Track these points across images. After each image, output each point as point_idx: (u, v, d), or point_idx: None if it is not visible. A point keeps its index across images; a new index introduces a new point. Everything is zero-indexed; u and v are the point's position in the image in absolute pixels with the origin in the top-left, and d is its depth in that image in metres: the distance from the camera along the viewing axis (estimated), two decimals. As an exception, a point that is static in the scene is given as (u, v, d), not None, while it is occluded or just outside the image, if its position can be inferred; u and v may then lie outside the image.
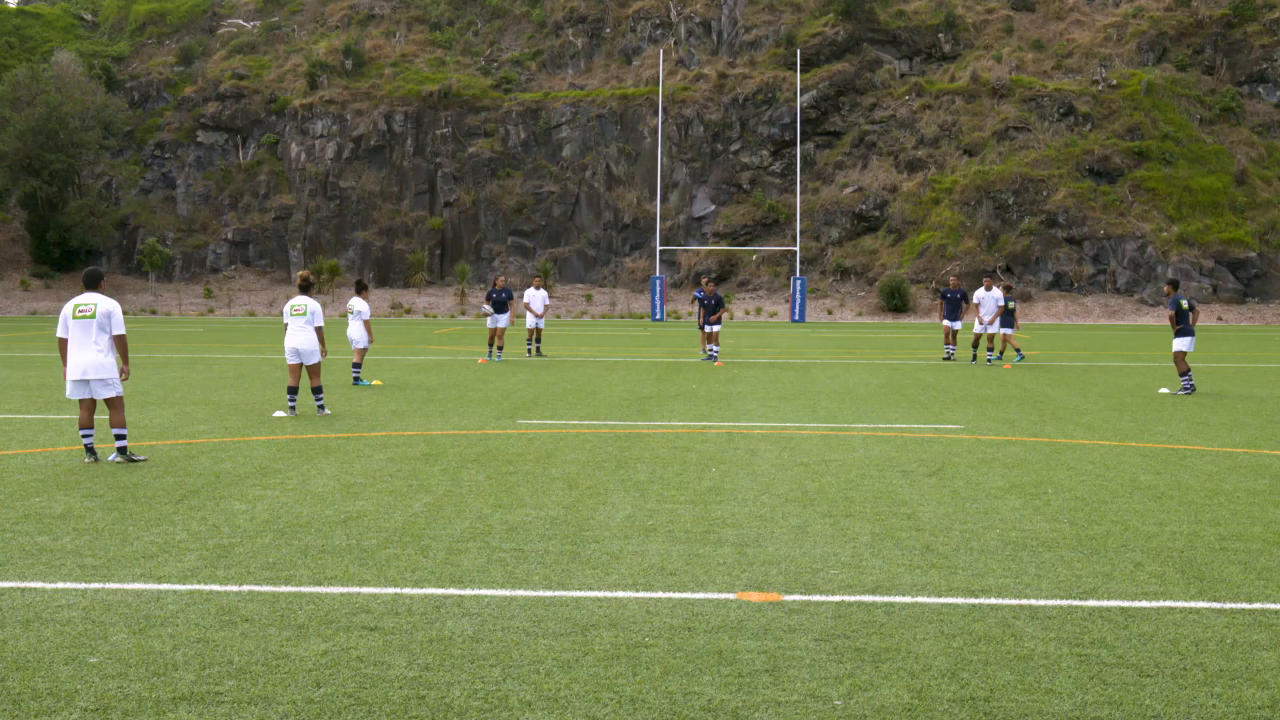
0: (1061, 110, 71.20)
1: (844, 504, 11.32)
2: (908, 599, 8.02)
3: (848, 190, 70.60)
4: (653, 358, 32.77)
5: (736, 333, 46.46)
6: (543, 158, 74.01)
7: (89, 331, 13.54)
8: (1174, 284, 24.70)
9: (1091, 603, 7.96)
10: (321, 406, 18.52)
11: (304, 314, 18.75)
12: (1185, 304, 23.27)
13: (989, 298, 29.85)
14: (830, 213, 69.78)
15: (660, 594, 8.11)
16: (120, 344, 13.63)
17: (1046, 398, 21.98)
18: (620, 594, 8.11)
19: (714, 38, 78.56)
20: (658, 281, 62.57)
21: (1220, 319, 60.70)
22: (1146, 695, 6.25)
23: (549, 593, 8.14)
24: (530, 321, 32.82)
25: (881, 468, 13.52)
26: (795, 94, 68.96)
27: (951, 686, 6.37)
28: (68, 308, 13.73)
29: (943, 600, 8.00)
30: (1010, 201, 67.46)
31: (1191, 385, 22.71)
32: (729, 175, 72.79)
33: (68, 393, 13.74)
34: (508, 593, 8.12)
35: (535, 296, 32.71)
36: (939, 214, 67.76)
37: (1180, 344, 23.02)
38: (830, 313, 63.91)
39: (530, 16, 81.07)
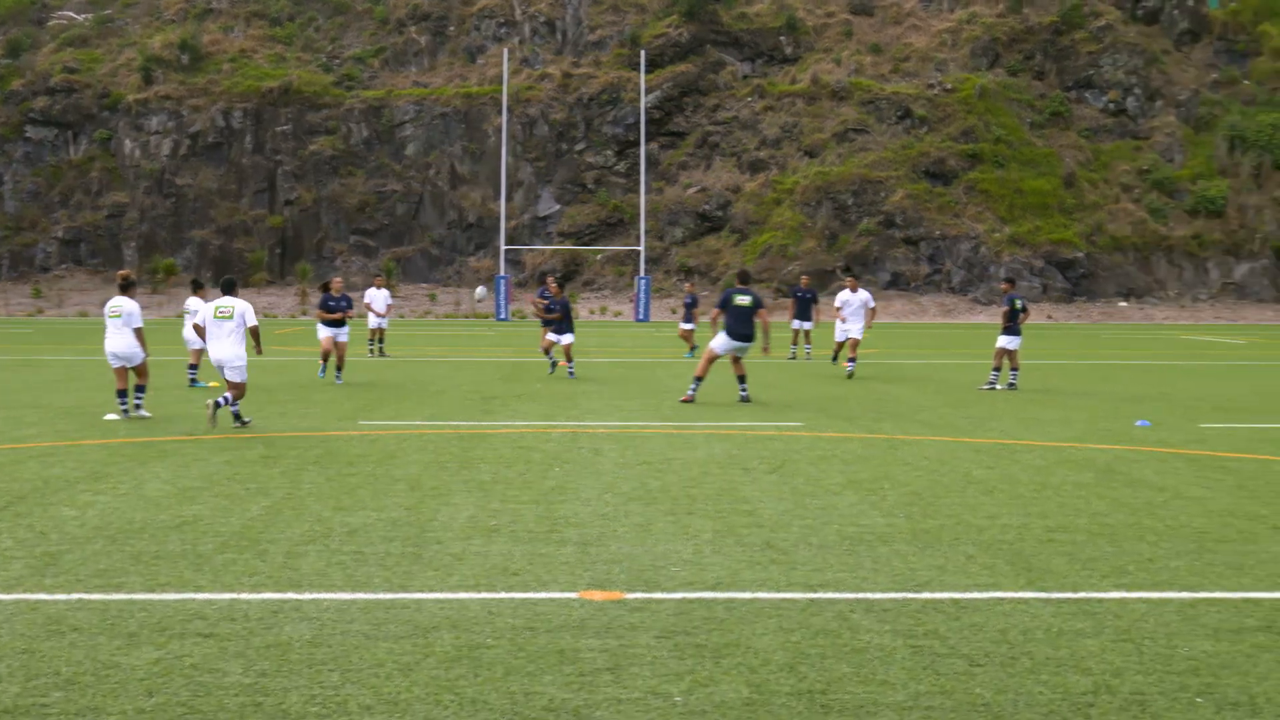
0: (899, 113, 72.68)
1: (686, 502, 11.42)
2: (748, 595, 8.13)
3: (691, 190, 71.15)
4: (497, 357, 32.64)
5: (582, 332, 46.52)
6: (386, 156, 73.15)
7: (223, 328, 16.98)
8: (1010, 282, 25.43)
9: (925, 595, 8.15)
10: (138, 407, 17.97)
11: (119, 315, 18.01)
12: (1018, 304, 23.95)
13: (854, 300, 27.31)
14: (674, 213, 70.24)
15: (502, 594, 8.10)
16: (254, 333, 17.18)
17: (884, 395, 22.44)
18: (462, 595, 8.07)
19: (558, 37, 78.51)
20: (502, 281, 62.30)
21: (1050, 317, 62.54)
22: (976, 684, 6.42)
23: (390, 595, 8.06)
24: (373, 322, 32.44)
25: (724, 465, 13.67)
26: (640, 94, 69.26)
27: (790, 680, 6.47)
28: (209, 307, 17.15)
29: (782, 595, 8.12)
30: (850, 202, 68.66)
31: (1012, 384, 23.39)
32: (574, 175, 72.82)
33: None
34: (348, 596, 8.03)
35: (377, 296, 32.35)
36: (780, 214, 68.68)
37: (1006, 342, 23.67)
38: (674, 312, 64.29)
39: (373, 13, 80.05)
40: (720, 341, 20.71)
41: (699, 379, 20.79)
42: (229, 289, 17.60)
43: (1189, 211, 69.96)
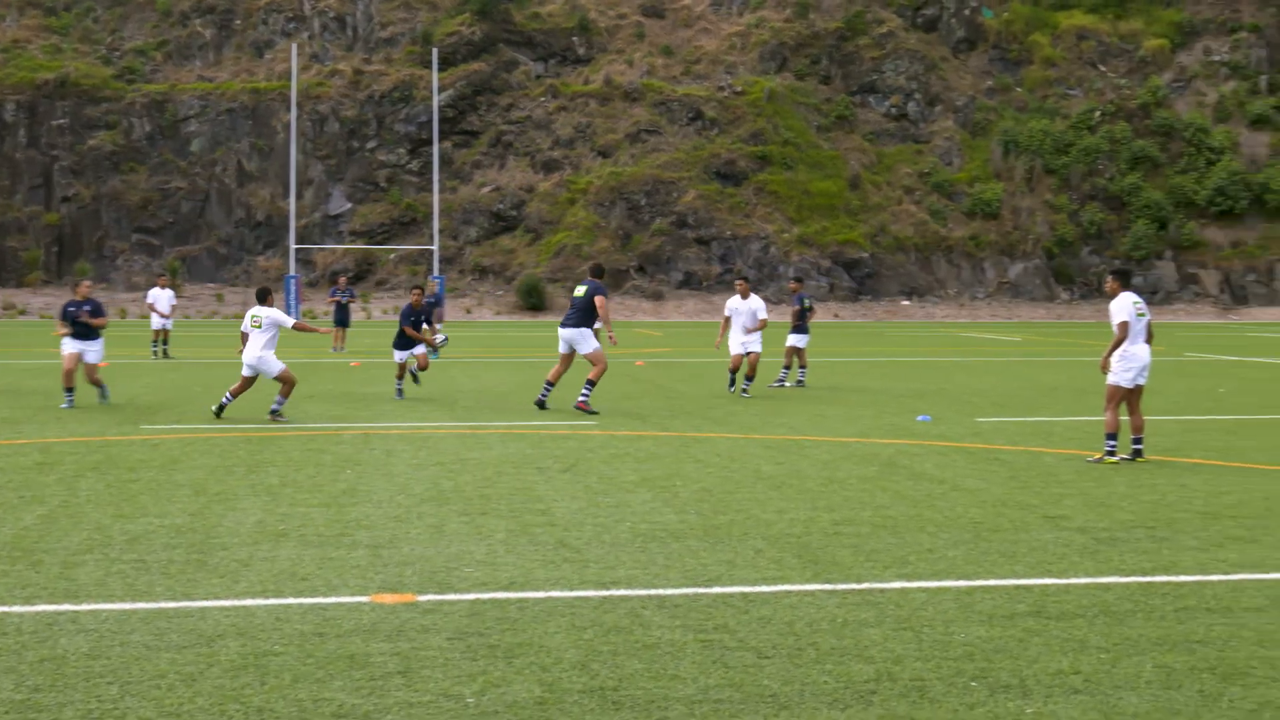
0: (690, 115, 73.65)
1: (480, 502, 11.38)
2: (541, 594, 8.14)
3: (485, 190, 70.91)
4: (288, 358, 31.95)
5: (374, 332, 45.90)
6: (169, 152, 71.03)
7: (258, 336, 18.27)
8: (799, 281, 26.05)
9: (716, 590, 8.28)
10: None
11: None
12: (806, 303, 24.53)
13: (744, 308, 22.24)
14: (468, 212, 69.91)
15: (291, 600, 7.95)
16: (300, 327, 19.24)
17: (677, 393, 22.71)
18: (249, 602, 7.90)
19: (349, 33, 77.34)
20: (292, 281, 61.09)
21: (837, 316, 64.18)
22: (764, 675, 6.56)
23: (173, 604, 7.84)
24: (156, 323, 31.49)
25: (518, 465, 13.66)
26: (432, 92, 68.70)
27: (582, 678, 6.51)
28: (247, 316, 18.55)
29: (575, 594, 8.16)
30: (643, 202, 69.32)
31: (800, 381, 23.96)
32: (366, 173, 71.85)
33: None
34: (128, 606, 7.77)
35: (161, 296, 31.41)
36: (574, 214, 68.94)
37: (795, 340, 24.22)
38: (469, 311, 64.04)
39: (155, 5, 77.61)
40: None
41: (550, 384, 19.74)
42: (263, 299, 18.68)
43: (966, 213, 72.61)
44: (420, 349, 22.33)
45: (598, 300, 19.31)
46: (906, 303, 68.45)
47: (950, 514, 10.95)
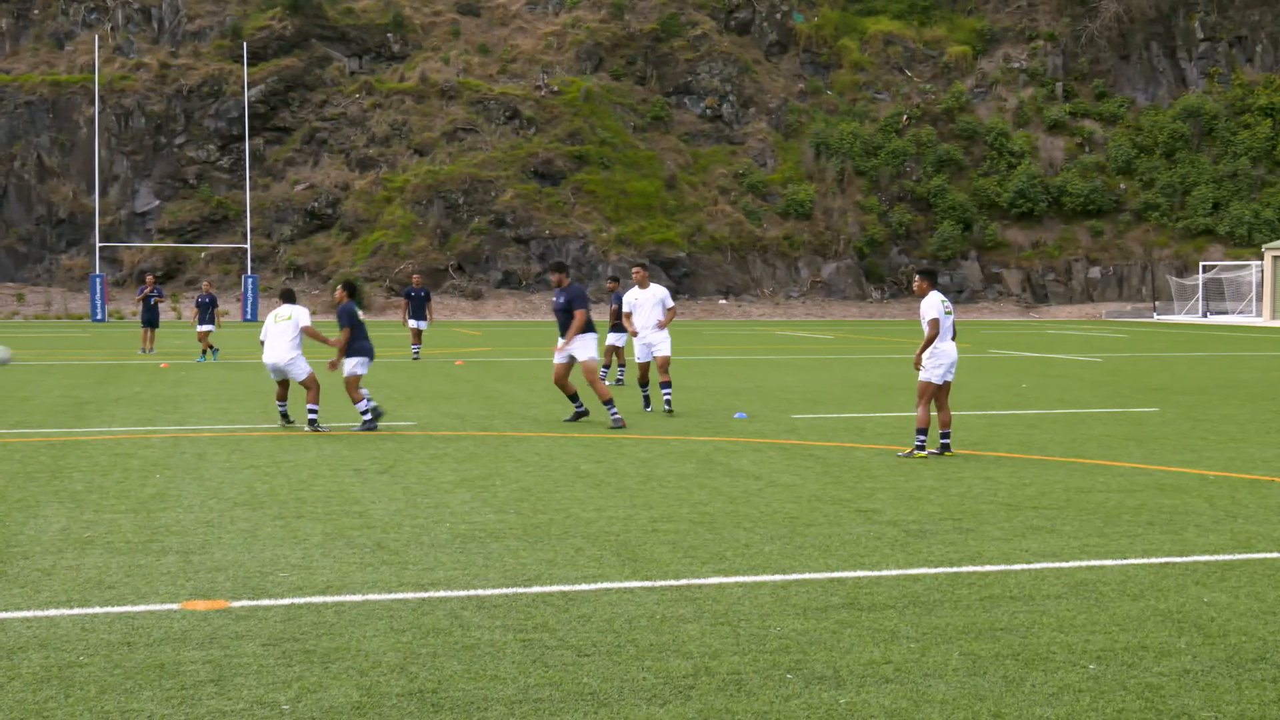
0: (507, 114, 73.45)
1: (295, 505, 11.20)
2: (358, 597, 8.05)
3: (299, 187, 69.66)
4: (93, 360, 30.98)
5: (186, 333, 44.73)
6: (-37, 146, 68.12)
7: (285, 333, 17.13)
8: (616, 280, 26.21)
9: (535, 589, 8.29)
10: None
11: None
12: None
13: (647, 299, 19.24)
14: (282, 210, 68.60)
15: (97, 609, 7.71)
16: (309, 332, 17.30)
17: (496, 392, 22.65)
18: (52, 612, 7.64)
19: (155, 26, 75.19)
20: (98, 280, 59.19)
21: (656, 315, 64.71)
22: (584, 673, 6.59)
23: (-30, 617, 7.54)
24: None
25: (334, 467, 13.47)
26: (243, 87, 67.21)
27: (400, 681, 6.45)
28: (270, 317, 17.39)
29: (393, 596, 8.08)
30: (460, 201, 68.90)
31: (619, 380, 24.18)
32: (174, 169, 69.96)
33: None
34: (-78, 620, 7.45)
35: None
36: (391, 212, 68.18)
37: (615, 339, 24.35)
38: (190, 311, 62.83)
39: (-54, -9, 74.41)
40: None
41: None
42: (289, 298, 17.98)
43: (780, 214, 73.87)
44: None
45: (579, 313, 17.48)
46: (723, 302, 69.35)
47: (766, 509, 11.14)
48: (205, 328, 30.68)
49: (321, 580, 8.47)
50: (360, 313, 17.23)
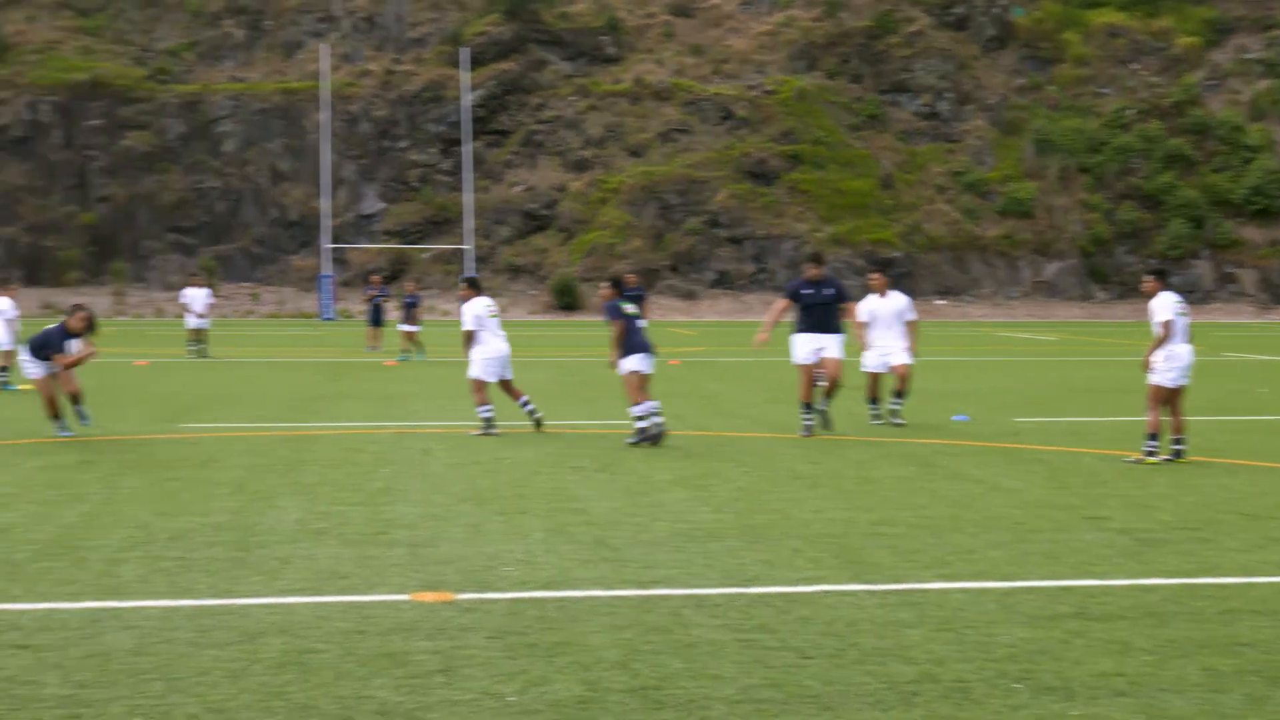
0: (721, 114, 73.59)
1: (517, 501, 11.39)
2: (580, 593, 8.14)
3: (517, 189, 71.01)
4: (323, 358, 32.13)
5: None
6: (203, 152, 71.35)
7: (498, 326, 16.77)
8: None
9: (755, 589, 8.26)
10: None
11: None
12: None
13: (886, 309, 17.97)
14: (500, 211, 70.02)
15: (331, 598, 7.98)
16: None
17: (711, 392, 22.69)
18: (290, 599, 7.93)
19: (379, 34, 77.58)
20: (327, 280, 61.35)
21: (870, 315, 63.99)
22: (806, 675, 6.54)
23: (215, 601, 7.88)
24: (191, 322, 31.65)
25: (554, 464, 13.67)
26: (463, 92, 68.83)
27: (623, 677, 6.50)
28: (480, 308, 16.63)
29: (614, 593, 8.15)
30: (675, 202, 69.29)
31: None
32: (398, 173, 72.05)
33: (480, 373, 16.58)
34: (171, 603, 7.82)
35: (195, 296, 31.55)
36: (606, 213, 68.97)
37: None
38: (503, 311, 64.08)
39: (185, 6, 77.99)
40: (798, 345, 16.41)
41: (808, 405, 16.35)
42: (478, 287, 17.39)
43: (1000, 212, 72.27)
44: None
45: (850, 306, 16.94)
46: (941, 302, 68.18)
47: (989, 514, 10.90)
48: (410, 327, 31.44)
49: (544, 575, 8.60)
50: (629, 308, 15.72)
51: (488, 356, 16.65)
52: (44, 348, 15.79)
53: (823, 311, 16.20)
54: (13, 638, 7.06)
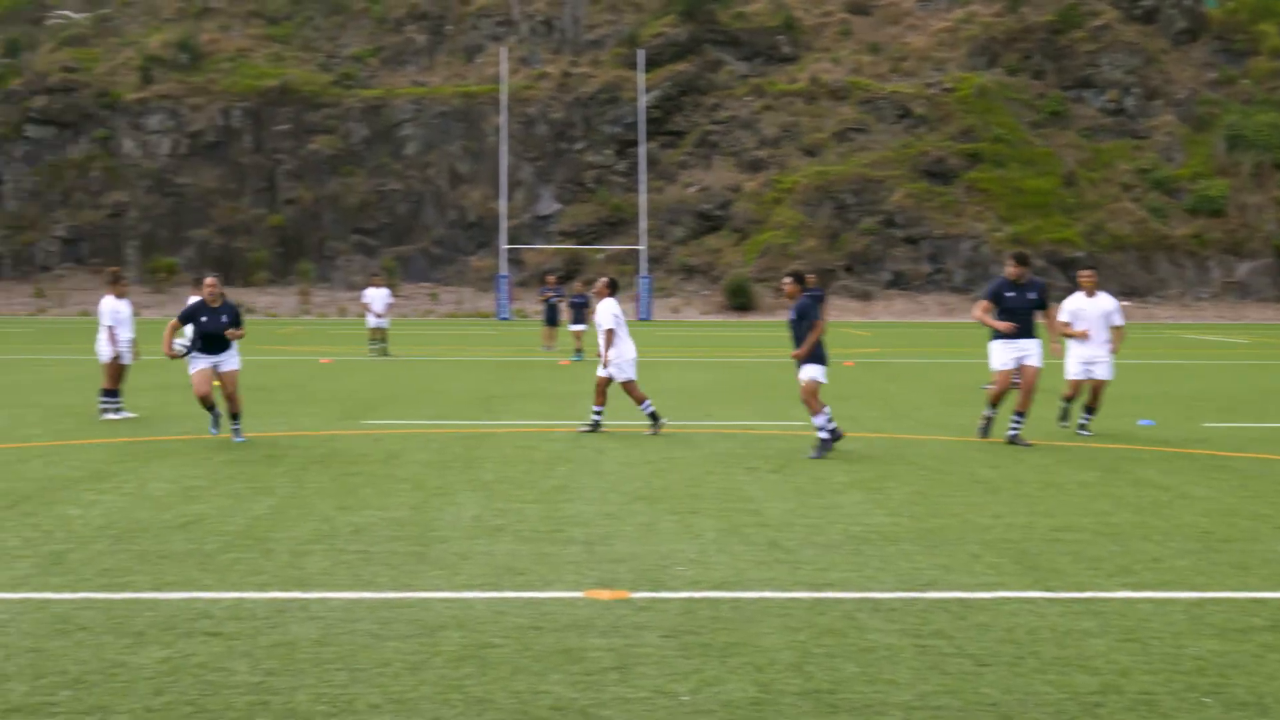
0: (898, 112, 72.71)
1: (690, 501, 11.41)
2: (754, 594, 8.12)
3: (691, 189, 71.16)
4: (499, 357, 32.64)
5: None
6: (385, 155, 73.12)
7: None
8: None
9: (931, 594, 8.14)
10: (104, 410, 18.00)
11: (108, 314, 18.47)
12: None
13: (1089, 308, 16.60)
14: (675, 212, 70.25)
15: (508, 594, 8.09)
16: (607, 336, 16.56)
17: (886, 394, 22.44)
18: (468, 594, 8.07)
19: (556, 37, 78.51)
20: (503, 280, 62.32)
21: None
22: (984, 684, 6.42)
23: (396, 594, 8.06)
24: (372, 321, 32.41)
25: (727, 464, 13.66)
26: (638, 94, 69.26)
27: (797, 680, 6.46)
28: (618, 308, 16.74)
29: (788, 595, 8.11)
30: (850, 201, 68.68)
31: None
32: (574, 174, 72.82)
33: (630, 374, 16.56)
34: (354, 595, 8.02)
35: (375, 296, 32.29)
36: (781, 213, 68.69)
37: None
38: (676, 311, 64.37)
39: (370, 12, 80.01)
40: (996, 352, 15.83)
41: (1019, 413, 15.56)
42: (616, 287, 17.31)
43: (1189, 211, 69.98)
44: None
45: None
46: (1126, 303, 66.18)
47: (1177, 522, 10.56)
48: (579, 327, 31.70)
49: (717, 576, 8.60)
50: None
51: (629, 358, 16.73)
52: (189, 320, 15.80)
53: (1024, 315, 15.53)
54: (205, 625, 7.32)
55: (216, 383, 15.77)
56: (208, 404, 15.65)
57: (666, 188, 71.31)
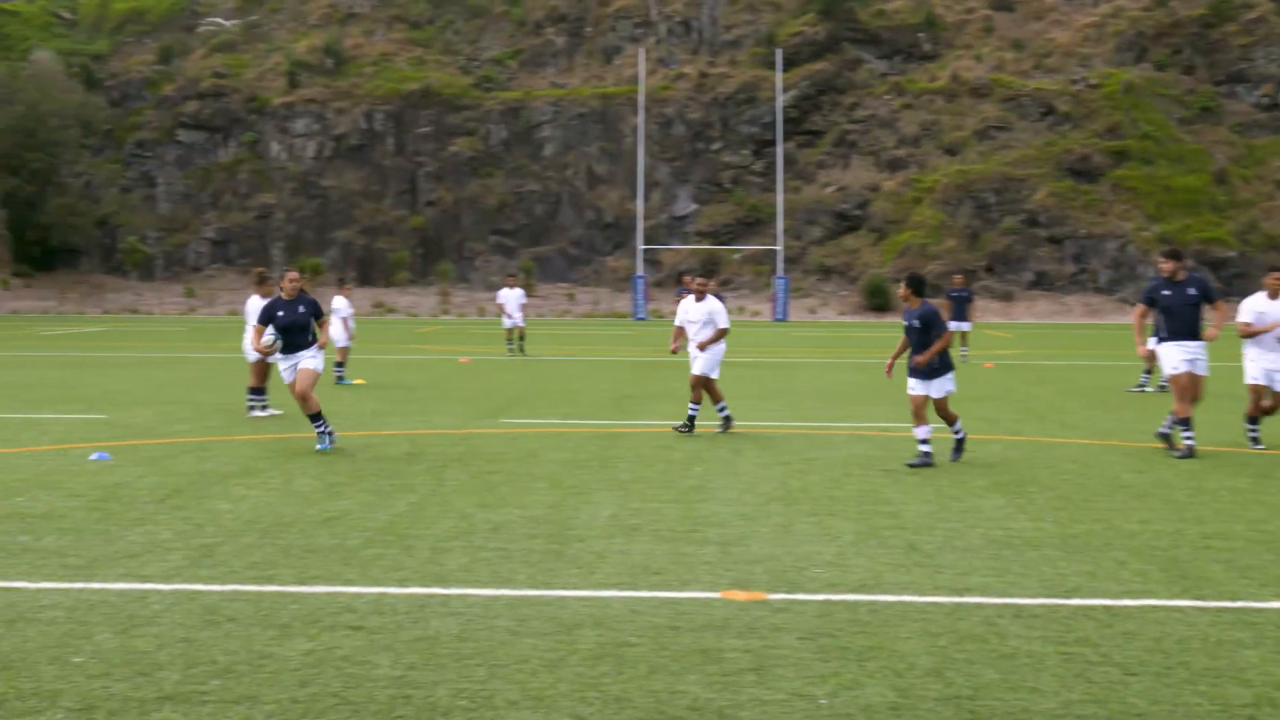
0: (1041, 110, 71.37)
1: (827, 503, 11.33)
2: (892, 598, 8.03)
3: (829, 189, 70.67)
4: (635, 357, 32.75)
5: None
6: (524, 157, 73.87)
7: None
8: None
9: (1075, 601, 7.97)
10: (251, 408, 18.38)
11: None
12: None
13: (1275, 310, 15.44)
14: (812, 212, 69.82)
15: (645, 593, 8.11)
16: (719, 334, 16.62)
17: (1028, 396, 22.04)
18: (605, 593, 8.10)
19: (694, 37, 78.55)
20: (640, 280, 62.52)
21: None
22: (1131, 693, 6.26)
23: (534, 592, 8.13)
24: (507, 321, 32.71)
25: (864, 466, 13.53)
26: (776, 93, 68.98)
27: (936, 685, 6.38)
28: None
29: (927, 599, 8.01)
30: (991, 201, 67.60)
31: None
32: (710, 174, 72.78)
33: (716, 371, 16.54)
34: (492, 592, 8.11)
35: (509, 296, 32.57)
36: (920, 213, 67.88)
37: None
38: (813, 312, 63.99)
39: (510, 15, 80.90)
40: (1166, 354, 14.95)
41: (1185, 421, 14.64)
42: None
43: (1348, 209, 67.56)
44: None
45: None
46: None
47: (1334, 531, 10.20)
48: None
49: (855, 579, 8.52)
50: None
51: (720, 356, 16.73)
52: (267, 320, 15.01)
53: (1186, 314, 14.66)
54: (348, 619, 7.46)
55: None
56: (315, 405, 14.90)
57: (804, 187, 70.91)
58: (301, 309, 15.09)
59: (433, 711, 5.97)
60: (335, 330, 23.66)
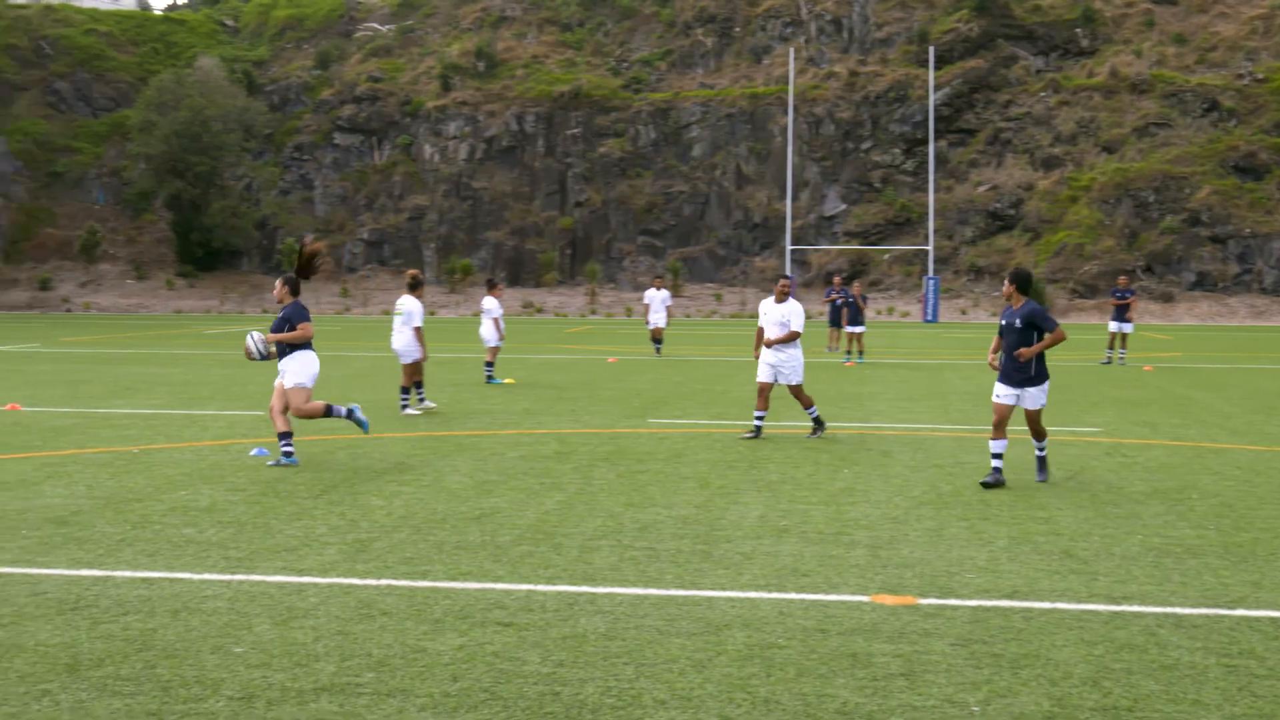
0: (1205, 106, 69.34)
1: (980, 507, 11.14)
2: (1047, 604, 7.87)
3: (982, 189, 69.54)
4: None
5: (869, 333, 46.03)
6: (672, 157, 74.03)
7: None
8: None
9: (1240, 612, 7.73)
10: (405, 406, 18.62)
11: (401, 314, 18.85)
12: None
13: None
14: (963, 211, 68.79)
15: (793, 595, 8.06)
16: (791, 336, 16.12)
17: (1189, 400, 21.43)
18: (753, 594, 8.07)
19: (845, 35, 77.93)
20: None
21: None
22: (1299, 708, 6.05)
23: (681, 592, 8.13)
24: (652, 321, 32.78)
25: (1018, 470, 13.27)
26: (928, 91, 68.10)
27: (1093, 695, 6.23)
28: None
29: (1083, 607, 7.83)
30: (1151, 199, 65.89)
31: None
32: (860, 174, 72.13)
33: (800, 377, 16.20)
34: (640, 591, 8.13)
35: (654, 297, 32.64)
36: (1076, 212, 66.43)
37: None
38: (964, 313, 63.03)
39: (660, 16, 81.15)
40: None
41: None
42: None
43: None
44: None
45: None
46: None
47: None
48: (856, 329, 31.24)
49: (1008, 584, 8.37)
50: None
51: (800, 360, 16.40)
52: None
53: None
54: (498, 615, 7.54)
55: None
56: (316, 412, 13.56)
57: (955, 187, 69.90)
58: (280, 315, 13.53)
59: (581, 709, 6.01)
60: (486, 330, 23.95)
